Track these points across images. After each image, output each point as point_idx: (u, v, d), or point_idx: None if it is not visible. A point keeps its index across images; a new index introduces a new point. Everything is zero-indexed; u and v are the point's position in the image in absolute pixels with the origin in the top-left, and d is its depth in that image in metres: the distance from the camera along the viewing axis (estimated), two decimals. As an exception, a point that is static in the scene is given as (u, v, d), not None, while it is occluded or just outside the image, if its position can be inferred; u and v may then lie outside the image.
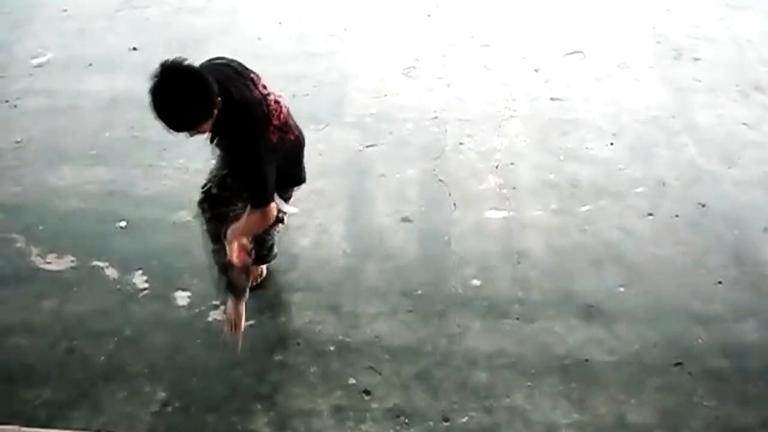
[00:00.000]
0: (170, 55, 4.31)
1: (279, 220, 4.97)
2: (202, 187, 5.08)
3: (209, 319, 5.40)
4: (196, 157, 6.44)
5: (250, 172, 4.61)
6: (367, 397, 5.04)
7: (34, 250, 5.77)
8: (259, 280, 5.58)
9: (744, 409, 5.06)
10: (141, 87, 4.41)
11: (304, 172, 5.18)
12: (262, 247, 5.40)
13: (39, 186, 6.21)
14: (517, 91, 7.32)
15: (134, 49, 7.47)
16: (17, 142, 6.56)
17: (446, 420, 4.96)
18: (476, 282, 5.69)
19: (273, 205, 4.71)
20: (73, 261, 5.71)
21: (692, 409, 5.05)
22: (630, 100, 7.25)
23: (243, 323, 5.02)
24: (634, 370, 5.24)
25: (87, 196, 6.14)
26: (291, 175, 5.09)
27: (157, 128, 4.33)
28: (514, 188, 6.38)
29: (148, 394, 5.01)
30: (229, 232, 4.85)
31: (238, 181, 4.76)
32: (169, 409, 4.94)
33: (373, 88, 7.29)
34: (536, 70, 7.58)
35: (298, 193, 6.13)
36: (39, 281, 5.58)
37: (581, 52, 7.81)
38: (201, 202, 5.08)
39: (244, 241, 4.89)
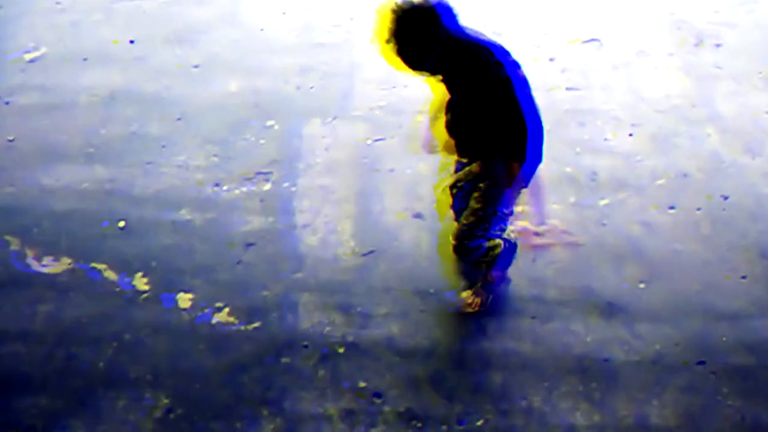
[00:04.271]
0: (169, 49, 4.33)
1: None
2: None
3: (213, 322, 5.39)
4: (196, 153, 6.49)
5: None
6: (378, 401, 5.00)
7: (30, 253, 5.78)
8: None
9: (773, 408, 5.05)
10: (139, 81, 4.36)
11: None
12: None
13: (34, 186, 6.25)
14: (531, 81, 7.24)
15: (131, 42, 7.54)
16: (10, 141, 6.60)
17: (461, 423, 4.91)
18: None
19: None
20: (70, 264, 5.72)
21: (717, 409, 5.01)
22: (649, 89, 7.26)
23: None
24: (656, 369, 5.20)
25: (84, 195, 6.18)
26: None
27: (155, 124, 4.32)
28: (529, 182, 6.33)
29: (150, 402, 4.97)
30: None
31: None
32: (172, 416, 4.90)
33: (382, 80, 7.25)
34: (551, 59, 7.57)
35: (304, 189, 6.11)
36: (35, 285, 5.59)
37: (598, 39, 7.84)
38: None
39: None
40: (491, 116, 4.90)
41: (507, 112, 4.90)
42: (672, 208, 6.20)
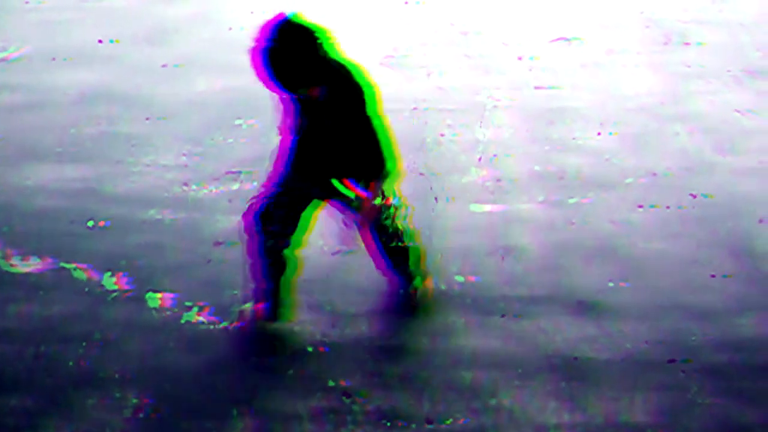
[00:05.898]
0: (146, 48, 4.33)
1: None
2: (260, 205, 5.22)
3: (186, 321, 5.37)
4: (165, 152, 6.45)
5: None
6: (348, 400, 4.96)
7: (8, 252, 5.75)
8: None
9: (742, 406, 4.96)
10: (109, 81, 4.34)
11: None
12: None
13: (3, 185, 6.20)
14: (500, 79, 7.37)
15: (102, 41, 7.43)
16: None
17: (430, 422, 4.86)
18: (460, 278, 5.67)
19: None
20: (40, 263, 5.69)
21: (688, 408, 4.96)
22: (618, 88, 7.29)
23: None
24: (627, 367, 5.18)
25: (54, 195, 6.14)
26: None
27: (133, 123, 4.31)
28: (498, 181, 6.38)
29: (120, 401, 4.91)
30: None
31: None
32: (142, 415, 4.84)
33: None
34: (520, 58, 7.60)
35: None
36: (5, 285, 5.55)
37: (567, 38, 7.84)
38: (260, 217, 5.20)
39: None
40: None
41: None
42: (642, 206, 6.22)
